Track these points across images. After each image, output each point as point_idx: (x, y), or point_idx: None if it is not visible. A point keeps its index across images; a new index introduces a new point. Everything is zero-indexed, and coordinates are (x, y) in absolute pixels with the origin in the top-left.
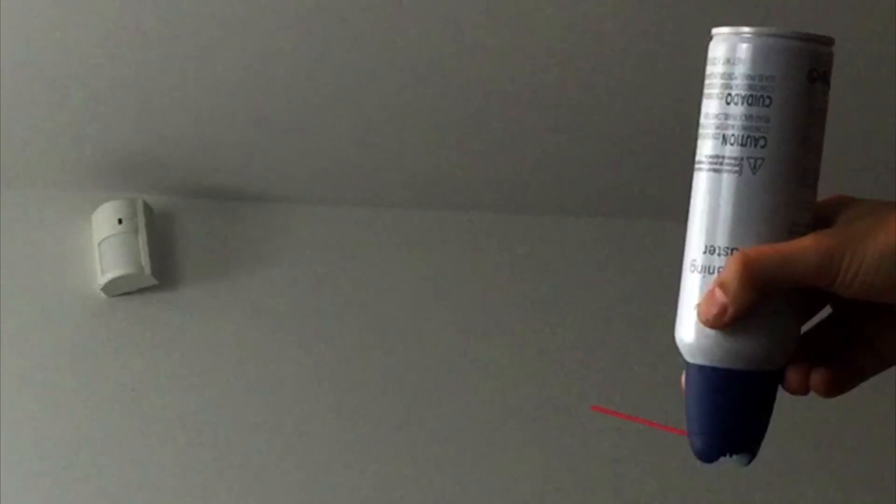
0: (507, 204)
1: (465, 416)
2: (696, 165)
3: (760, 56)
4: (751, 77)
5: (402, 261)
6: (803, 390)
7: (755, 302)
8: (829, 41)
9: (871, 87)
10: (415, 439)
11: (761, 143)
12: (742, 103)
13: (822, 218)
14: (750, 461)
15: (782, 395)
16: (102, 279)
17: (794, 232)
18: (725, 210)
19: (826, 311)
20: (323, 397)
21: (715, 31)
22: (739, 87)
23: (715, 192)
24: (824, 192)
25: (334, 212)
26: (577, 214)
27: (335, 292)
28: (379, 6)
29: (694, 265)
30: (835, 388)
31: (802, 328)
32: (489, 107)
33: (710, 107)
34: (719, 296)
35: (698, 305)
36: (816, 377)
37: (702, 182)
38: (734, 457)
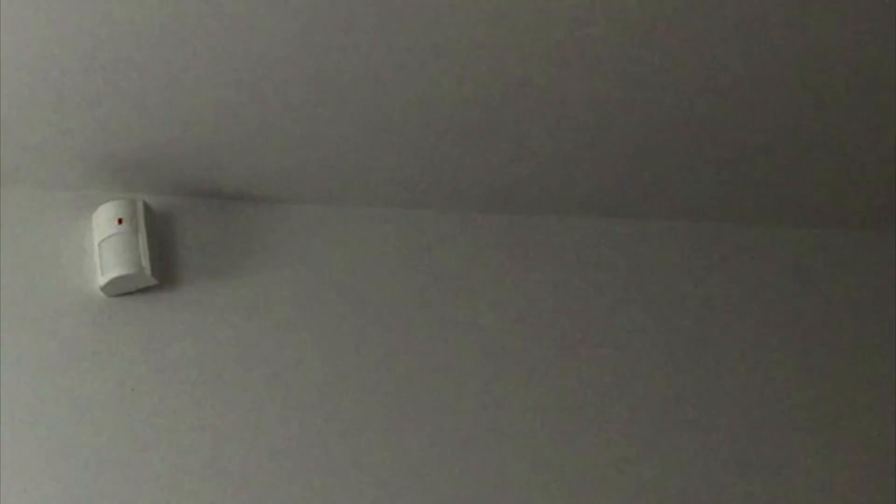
0: (507, 204)
1: (466, 414)
2: None
3: None
4: None
5: (402, 261)
6: None
7: None
8: None
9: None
10: (416, 437)
11: None
12: None
13: None
14: None
15: (782, 392)
16: (102, 279)
17: None
18: None
19: None
20: (322, 395)
21: None
22: None
23: None
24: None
25: (334, 212)
26: (577, 214)
27: (335, 292)
28: (380, 7)
29: None
30: None
31: None
32: (489, 108)
33: None
34: None
35: None
36: None
37: None
38: None
